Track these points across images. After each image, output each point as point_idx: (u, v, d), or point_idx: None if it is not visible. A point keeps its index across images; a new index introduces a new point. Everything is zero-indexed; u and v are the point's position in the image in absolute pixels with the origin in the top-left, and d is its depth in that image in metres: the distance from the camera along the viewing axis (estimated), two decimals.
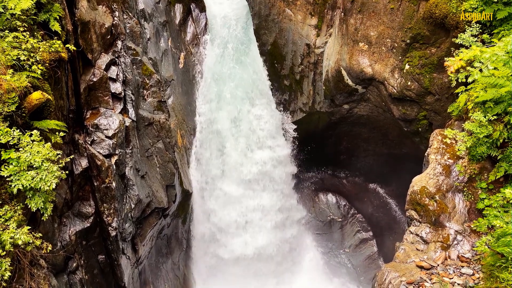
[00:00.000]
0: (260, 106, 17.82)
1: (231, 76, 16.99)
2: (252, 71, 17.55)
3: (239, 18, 17.44)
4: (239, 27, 17.19)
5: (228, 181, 17.70)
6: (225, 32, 16.95)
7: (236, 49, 17.10)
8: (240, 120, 17.52)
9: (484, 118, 10.26)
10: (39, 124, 8.62)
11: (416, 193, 11.45)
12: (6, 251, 7.36)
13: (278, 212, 18.88)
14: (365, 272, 19.18)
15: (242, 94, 17.39)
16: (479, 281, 9.59)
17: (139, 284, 13.75)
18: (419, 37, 13.55)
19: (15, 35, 8.74)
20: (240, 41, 17.08)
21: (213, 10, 17.19)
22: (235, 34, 17.06)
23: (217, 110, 17.22)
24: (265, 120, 18.00)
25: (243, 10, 17.42)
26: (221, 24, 17.12)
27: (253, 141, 17.94)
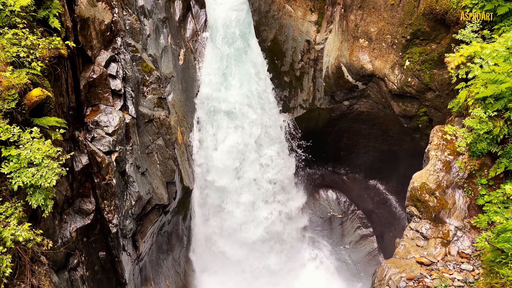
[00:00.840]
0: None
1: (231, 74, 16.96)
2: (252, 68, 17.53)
3: (239, 15, 17.38)
4: (239, 23, 17.14)
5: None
6: (224, 28, 16.89)
7: (236, 46, 17.05)
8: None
9: (485, 114, 10.25)
10: (39, 121, 8.61)
11: (416, 189, 11.46)
12: (7, 248, 7.37)
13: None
14: (365, 268, 19.22)
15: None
16: (479, 277, 9.62)
17: (140, 280, 13.79)
18: (419, 33, 13.52)
19: (15, 32, 8.71)
20: (240, 38, 17.02)
21: (213, 6, 17.13)
22: (235, 31, 17.01)
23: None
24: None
25: (243, 7, 17.36)
26: (221, 21, 17.06)
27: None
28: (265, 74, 18.00)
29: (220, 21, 17.06)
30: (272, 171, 18.00)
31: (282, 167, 18.44)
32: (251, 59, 17.26)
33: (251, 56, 17.29)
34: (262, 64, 17.90)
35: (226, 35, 16.85)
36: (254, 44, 17.69)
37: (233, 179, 17.19)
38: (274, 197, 18.31)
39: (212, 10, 17.06)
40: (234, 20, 17.15)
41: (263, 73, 17.81)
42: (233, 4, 16.99)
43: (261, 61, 17.93)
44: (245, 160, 17.32)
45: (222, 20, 17.09)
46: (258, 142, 17.55)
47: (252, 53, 17.40)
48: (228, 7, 17.21)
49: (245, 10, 17.40)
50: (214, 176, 16.85)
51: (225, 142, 16.85)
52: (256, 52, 17.78)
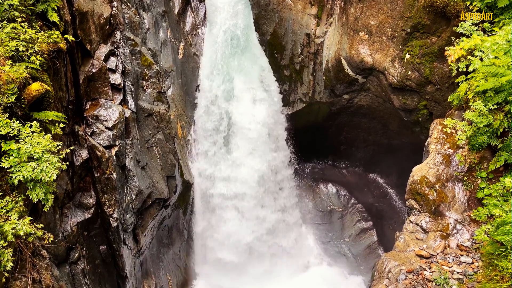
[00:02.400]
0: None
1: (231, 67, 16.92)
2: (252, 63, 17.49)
3: (238, 8, 17.31)
4: (238, 17, 17.07)
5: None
6: (224, 22, 16.83)
7: (235, 39, 16.99)
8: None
9: (485, 108, 10.25)
10: (39, 115, 8.61)
11: (416, 182, 11.48)
12: (8, 242, 7.39)
13: None
14: (365, 261, 19.30)
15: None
16: (478, 269, 9.67)
17: (140, 274, 13.85)
18: (419, 26, 13.47)
19: (13, 26, 8.68)
20: (239, 31, 16.97)
21: (213, 0, 17.07)
22: (234, 24, 16.95)
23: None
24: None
25: (243, 0, 17.29)
26: (220, 14, 16.99)
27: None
28: (266, 67, 17.97)
29: (219, 14, 17.00)
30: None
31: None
32: (251, 52, 17.22)
33: (250, 50, 17.25)
34: (262, 57, 17.87)
35: (225, 29, 16.80)
36: (254, 38, 17.63)
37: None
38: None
39: (212, 3, 16.99)
40: (233, 14, 17.08)
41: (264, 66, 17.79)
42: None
43: (261, 54, 17.90)
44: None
45: (221, 13, 17.03)
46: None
47: (252, 47, 17.36)
48: (227, 0, 17.14)
49: (245, 3, 17.33)
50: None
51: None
52: (256, 46, 17.73)
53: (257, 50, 17.88)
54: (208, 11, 16.98)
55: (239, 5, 17.32)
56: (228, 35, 16.78)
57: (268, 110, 17.71)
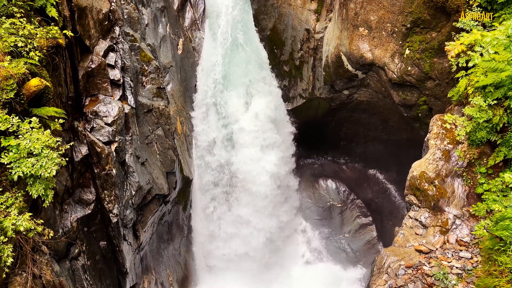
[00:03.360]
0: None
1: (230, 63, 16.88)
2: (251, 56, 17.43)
3: (238, 3, 17.26)
4: (238, 12, 17.02)
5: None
6: (223, 17, 16.78)
7: (235, 35, 16.95)
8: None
9: (484, 103, 10.24)
10: (38, 111, 8.60)
11: (416, 178, 11.49)
12: (8, 238, 7.41)
13: None
14: (365, 256, 19.35)
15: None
16: (477, 264, 9.70)
17: (140, 269, 13.89)
18: (419, 21, 13.43)
19: (12, 21, 8.66)
20: (238, 27, 16.92)
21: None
22: (234, 20, 16.90)
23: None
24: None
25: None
26: (220, 9, 16.93)
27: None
28: (265, 63, 17.93)
29: (219, 10, 16.94)
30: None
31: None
32: (250, 48, 17.18)
33: (250, 45, 17.21)
34: (261, 53, 17.82)
35: (225, 24, 16.75)
36: (253, 33, 17.59)
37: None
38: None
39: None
40: (233, 9, 17.03)
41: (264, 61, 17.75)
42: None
43: (261, 50, 17.85)
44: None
45: (220, 9, 16.97)
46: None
47: (251, 42, 17.31)
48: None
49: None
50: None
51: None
52: (255, 41, 17.69)
53: (257, 45, 17.83)
54: (207, 6, 16.93)
55: (238, 1, 17.27)
56: (228, 30, 16.74)
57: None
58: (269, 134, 17.61)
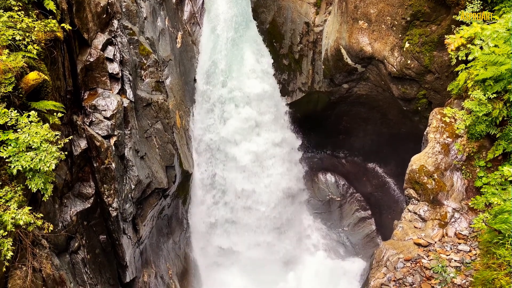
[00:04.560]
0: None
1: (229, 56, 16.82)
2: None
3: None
4: (237, 5, 16.92)
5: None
6: (222, 10, 16.68)
7: (234, 28, 16.87)
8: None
9: (484, 96, 10.23)
10: (37, 105, 8.57)
11: (415, 171, 11.50)
12: (8, 232, 7.42)
13: None
14: (364, 250, 19.44)
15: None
16: (476, 257, 9.74)
17: (140, 263, 13.93)
18: (419, 14, 13.38)
19: (10, 15, 8.60)
20: (238, 20, 16.83)
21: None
22: (233, 13, 16.80)
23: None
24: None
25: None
26: (219, 3, 16.83)
27: None
28: (265, 57, 17.84)
29: (217, 3, 16.84)
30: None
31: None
32: (250, 41, 17.10)
33: (249, 39, 17.13)
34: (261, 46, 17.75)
35: (224, 17, 16.66)
36: (253, 27, 17.51)
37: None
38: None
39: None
40: (231, 2, 16.92)
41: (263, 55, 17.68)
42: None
43: (260, 43, 17.78)
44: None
45: (219, 2, 16.86)
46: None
47: (250, 36, 17.24)
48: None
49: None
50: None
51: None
52: (255, 35, 17.61)
53: (256, 39, 17.75)
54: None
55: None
56: (227, 23, 16.65)
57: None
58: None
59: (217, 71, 16.74)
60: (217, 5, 16.77)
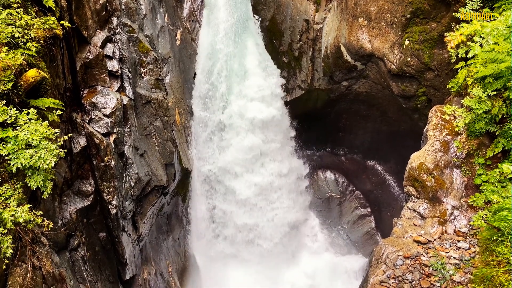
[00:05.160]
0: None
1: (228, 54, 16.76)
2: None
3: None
4: (236, 2, 16.86)
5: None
6: (222, 7, 16.62)
7: (233, 25, 16.81)
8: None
9: (484, 94, 10.22)
10: (36, 103, 8.56)
11: (414, 169, 11.51)
12: (8, 229, 7.42)
13: None
14: (363, 247, 19.47)
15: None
16: (475, 254, 9.75)
17: (140, 260, 13.95)
18: (419, 11, 13.36)
19: (9, 12, 8.58)
20: (237, 17, 16.77)
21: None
22: (232, 10, 16.74)
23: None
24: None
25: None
26: (219, 16, 16.66)
27: None
28: (273, 76, 17.41)
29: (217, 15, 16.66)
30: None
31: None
32: (250, 38, 17.05)
33: (249, 36, 17.08)
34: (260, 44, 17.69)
35: (223, 14, 16.61)
36: (252, 24, 17.46)
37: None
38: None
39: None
40: (232, 7, 16.77)
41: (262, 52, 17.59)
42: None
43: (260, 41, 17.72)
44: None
45: (220, 14, 16.69)
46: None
47: (250, 33, 17.19)
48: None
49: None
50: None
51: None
52: (254, 32, 17.56)
53: (256, 36, 17.70)
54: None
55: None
56: (226, 20, 16.60)
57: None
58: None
59: (217, 95, 16.11)
60: (216, 2, 16.62)
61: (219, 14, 16.62)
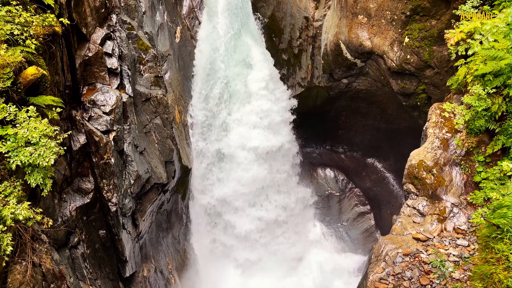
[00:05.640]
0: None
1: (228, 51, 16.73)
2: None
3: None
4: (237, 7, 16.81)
5: None
6: (222, 5, 16.59)
7: (233, 22, 16.79)
8: None
9: (483, 91, 10.22)
10: (35, 100, 8.54)
11: (414, 167, 11.51)
12: (7, 227, 7.41)
13: None
14: (363, 244, 19.50)
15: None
16: (474, 252, 9.77)
17: (140, 258, 13.97)
18: (419, 9, 13.34)
19: (8, 9, 8.56)
20: (237, 14, 16.75)
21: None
22: (232, 7, 16.72)
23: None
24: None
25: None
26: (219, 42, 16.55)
27: None
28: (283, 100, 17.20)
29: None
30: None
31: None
32: (249, 36, 17.03)
33: (249, 33, 17.06)
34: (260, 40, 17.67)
35: (223, 12, 16.58)
36: (252, 21, 17.44)
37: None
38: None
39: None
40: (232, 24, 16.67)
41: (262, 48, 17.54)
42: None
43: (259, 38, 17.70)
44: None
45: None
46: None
47: (249, 30, 17.17)
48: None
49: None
50: None
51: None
52: (254, 29, 17.54)
53: (255, 33, 17.68)
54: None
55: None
56: (226, 18, 16.58)
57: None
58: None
59: (216, 123, 15.51)
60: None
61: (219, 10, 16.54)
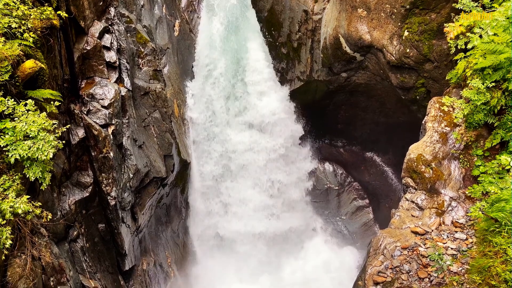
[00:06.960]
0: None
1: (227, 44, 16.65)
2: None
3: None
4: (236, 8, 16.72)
5: None
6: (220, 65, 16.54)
7: (232, 16, 16.71)
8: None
9: (482, 85, 10.21)
10: (34, 94, 8.52)
11: (413, 160, 11.53)
12: (6, 220, 7.43)
13: None
14: (361, 238, 19.57)
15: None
16: (472, 245, 9.81)
17: (139, 251, 14.01)
18: (419, 2, 13.28)
19: (6, 2, 8.51)
20: (236, 8, 16.66)
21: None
22: (231, 0, 16.63)
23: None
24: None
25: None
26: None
27: None
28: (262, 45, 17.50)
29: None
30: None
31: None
32: (248, 29, 16.96)
33: (247, 27, 16.99)
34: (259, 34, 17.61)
35: (221, 5, 16.50)
36: (251, 15, 17.35)
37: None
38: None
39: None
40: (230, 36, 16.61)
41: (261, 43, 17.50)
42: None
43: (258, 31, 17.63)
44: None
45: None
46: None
47: (248, 24, 17.10)
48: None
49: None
50: None
51: None
52: (253, 23, 17.47)
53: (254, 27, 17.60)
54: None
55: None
56: (225, 11, 16.49)
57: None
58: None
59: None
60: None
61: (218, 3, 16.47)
